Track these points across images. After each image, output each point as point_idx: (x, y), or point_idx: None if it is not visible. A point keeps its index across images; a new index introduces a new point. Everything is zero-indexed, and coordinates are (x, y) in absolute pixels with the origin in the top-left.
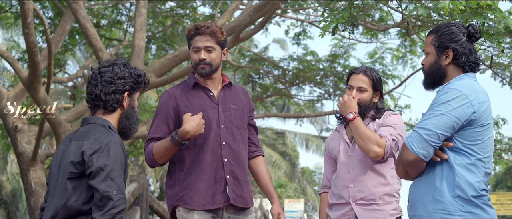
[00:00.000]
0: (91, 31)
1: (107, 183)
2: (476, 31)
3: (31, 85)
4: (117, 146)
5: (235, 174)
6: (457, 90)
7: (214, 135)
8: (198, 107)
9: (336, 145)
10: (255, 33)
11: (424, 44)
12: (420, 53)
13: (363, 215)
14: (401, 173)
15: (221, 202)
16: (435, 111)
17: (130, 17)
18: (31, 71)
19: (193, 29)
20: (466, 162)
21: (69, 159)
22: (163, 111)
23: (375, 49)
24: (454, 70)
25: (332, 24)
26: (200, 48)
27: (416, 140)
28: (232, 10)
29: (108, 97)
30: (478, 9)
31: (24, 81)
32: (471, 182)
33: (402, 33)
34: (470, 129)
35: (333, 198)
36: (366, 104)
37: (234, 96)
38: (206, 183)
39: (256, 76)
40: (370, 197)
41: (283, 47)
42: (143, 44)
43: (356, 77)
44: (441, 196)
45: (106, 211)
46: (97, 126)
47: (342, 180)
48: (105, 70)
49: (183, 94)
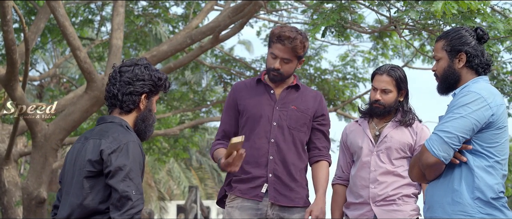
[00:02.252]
0: (70, 29)
1: (126, 183)
2: (484, 33)
3: (8, 83)
4: (136, 146)
5: (278, 172)
6: (476, 93)
7: (264, 131)
8: (254, 102)
9: (357, 140)
10: (235, 34)
11: (433, 51)
12: (392, 56)
13: (383, 215)
14: (415, 176)
15: (258, 197)
16: (455, 113)
17: (102, 17)
18: (9, 69)
19: (277, 37)
20: (485, 164)
21: (87, 157)
22: (227, 104)
23: (347, 52)
24: (468, 73)
25: (322, 26)
26: (278, 57)
27: (437, 143)
28: (207, 10)
29: (125, 98)
30: (468, 14)
31: (1, 79)
32: (490, 184)
33: (374, 37)
34: (488, 132)
35: (351, 196)
36: (391, 104)
37: (299, 98)
38: (248, 175)
39: (227, 77)
40: (391, 197)
41: (249, 49)
42: (120, 43)
43: (380, 78)
44: (460, 198)
45: (125, 211)
46: (115, 125)
47: (363, 179)
48: (126, 69)
49: (245, 88)
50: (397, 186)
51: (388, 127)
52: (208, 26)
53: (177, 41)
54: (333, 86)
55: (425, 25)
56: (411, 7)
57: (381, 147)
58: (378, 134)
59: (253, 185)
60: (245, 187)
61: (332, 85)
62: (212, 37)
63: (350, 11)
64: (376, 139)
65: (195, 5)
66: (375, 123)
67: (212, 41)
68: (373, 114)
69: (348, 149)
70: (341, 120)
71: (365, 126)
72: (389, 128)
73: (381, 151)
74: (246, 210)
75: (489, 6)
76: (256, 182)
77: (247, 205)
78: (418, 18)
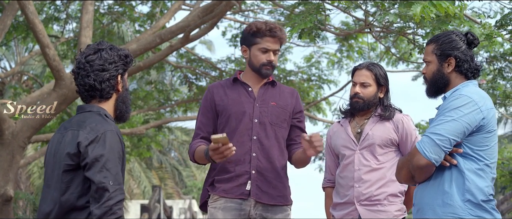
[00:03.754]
0: (39, 27)
1: (103, 174)
2: (474, 38)
3: None
4: (114, 135)
5: (261, 169)
6: (467, 97)
7: (245, 129)
8: (233, 101)
9: (339, 141)
10: (206, 33)
11: (424, 54)
12: (356, 59)
13: (367, 215)
14: (403, 178)
15: (243, 195)
16: (446, 116)
17: (68, 14)
18: None
19: (267, 29)
20: (475, 168)
21: (65, 150)
22: (203, 106)
23: (312, 53)
24: (457, 77)
25: (299, 27)
26: (270, 50)
27: (428, 145)
28: (175, 10)
29: (104, 85)
30: (445, 18)
31: None
32: (481, 187)
33: (340, 39)
34: (478, 135)
35: (337, 197)
36: (371, 99)
37: (277, 95)
38: (231, 174)
39: (193, 77)
40: (375, 197)
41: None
42: (89, 41)
43: (359, 72)
44: (451, 200)
45: (102, 203)
46: (93, 115)
47: (348, 178)
48: (93, 58)
49: (221, 88)
50: (381, 184)
51: (368, 124)
52: (178, 26)
53: (146, 40)
54: (299, 88)
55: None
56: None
57: (363, 144)
58: (360, 131)
59: (237, 183)
60: (229, 186)
61: (298, 87)
62: (183, 36)
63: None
64: (357, 137)
65: (162, 4)
66: (356, 121)
67: (182, 40)
68: (353, 109)
69: (333, 151)
70: (306, 121)
71: (346, 125)
72: (370, 124)
73: (365, 149)
74: (230, 210)
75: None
76: (240, 180)
77: (231, 205)
78: (396, 21)
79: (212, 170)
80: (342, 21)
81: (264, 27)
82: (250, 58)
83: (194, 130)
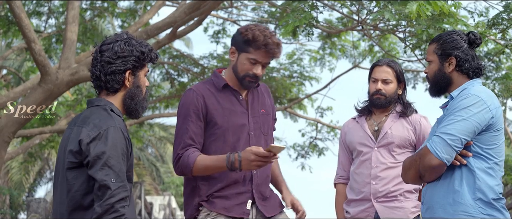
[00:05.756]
0: (25, 21)
1: (105, 171)
2: (476, 37)
3: None
4: (117, 131)
5: (259, 186)
6: (476, 96)
7: (243, 143)
8: (229, 112)
9: (356, 137)
10: (193, 30)
11: (426, 54)
12: (339, 56)
13: (384, 213)
14: (411, 178)
15: (245, 214)
16: (456, 116)
17: (50, 9)
18: None
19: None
20: (485, 166)
21: (69, 147)
22: (194, 112)
23: (294, 50)
24: (460, 76)
25: (293, 25)
26: (260, 62)
27: (440, 145)
28: (158, 6)
29: (108, 78)
30: (440, 16)
31: None
32: (491, 185)
33: (322, 36)
34: (487, 134)
35: (352, 193)
36: (392, 96)
37: (261, 99)
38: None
39: (175, 73)
40: (392, 193)
41: (188, 45)
42: (75, 37)
43: (380, 69)
44: (462, 198)
45: (104, 201)
46: (99, 110)
47: (364, 175)
48: (105, 48)
49: (211, 94)
50: (398, 181)
51: (388, 122)
52: (164, 22)
53: None
54: (281, 84)
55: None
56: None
57: (382, 142)
58: (377, 129)
59: (238, 202)
60: (230, 204)
61: (280, 83)
62: (170, 33)
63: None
64: (375, 134)
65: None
66: (373, 119)
67: (169, 36)
68: (374, 106)
69: (348, 147)
70: (286, 118)
71: (362, 122)
72: (389, 122)
73: (382, 147)
74: None
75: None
76: (241, 198)
77: None
78: (393, 18)
79: (202, 185)
80: (325, 19)
81: (261, 39)
82: (236, 63)
83: (179, 138)
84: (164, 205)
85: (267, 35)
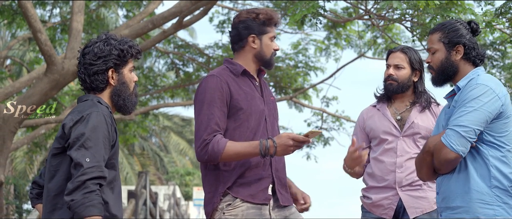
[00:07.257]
0: (31, 11)
1: (81, 151)
2: (477, 26)
3: None
4: (99, 116)
5: (277, 171)
6: (484, 85)
7: (263, 129)
8: (251, 97)
9: (380, 126)
10: (199, 19)
11: (428, 43)
12: (344, 46)
13: (409, 201)
14: (426, 174)
15: (267, 199)
16: (468, 107)
17: None
18: None
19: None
20: (499, 155)
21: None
22: (219, 98)
23: (299, 40)
24: (466, 64)
25: (301, 14)
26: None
27: (454, 138)
28: None
29: (92, 79)
30: (447, 5)
31: None
32: (506, 173)
33: (328, 26)
34: (498, 122)
35: (373, 180)
36: (404, 82)
37: (268, 85)
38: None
39: (180, 63)
40: (417, 182)
41: (192, 35)
42: (80, 27)
43: (393, 55)
44: (478, 186)
45: (76, 178)
46: (88, 102)
47: (388, 164)
48: (87, 51)
49: (233, 80)
50: None
51: (413, 113)
52: (170, 11)
53: (138, 26)
54: (286, 74)
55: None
56: None
57: (407, 132)
58: (400, 118)
59: (261, 188)
60: (254, 191)
61: (285, 73)
62: (176, 22)
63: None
64: (399, 123)
65: None
66: (395, 107)
67: (175, 26)
68: (387, 92)
69: (366, 134)
70: (291, 108)
71: (384, 110)
72: (415, 113)
73: (408, 137)
74: (252, 217)
75: None
76: (263, 184)
77: (252, 212)
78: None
79: (225, 172)
80: (330, 9)
81: (275, 16)
82: (261, 47)
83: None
84: (169, 195)
85: (272, 10)
